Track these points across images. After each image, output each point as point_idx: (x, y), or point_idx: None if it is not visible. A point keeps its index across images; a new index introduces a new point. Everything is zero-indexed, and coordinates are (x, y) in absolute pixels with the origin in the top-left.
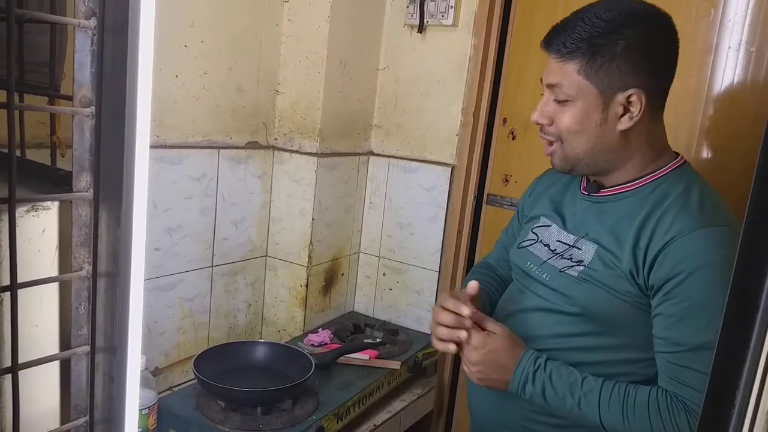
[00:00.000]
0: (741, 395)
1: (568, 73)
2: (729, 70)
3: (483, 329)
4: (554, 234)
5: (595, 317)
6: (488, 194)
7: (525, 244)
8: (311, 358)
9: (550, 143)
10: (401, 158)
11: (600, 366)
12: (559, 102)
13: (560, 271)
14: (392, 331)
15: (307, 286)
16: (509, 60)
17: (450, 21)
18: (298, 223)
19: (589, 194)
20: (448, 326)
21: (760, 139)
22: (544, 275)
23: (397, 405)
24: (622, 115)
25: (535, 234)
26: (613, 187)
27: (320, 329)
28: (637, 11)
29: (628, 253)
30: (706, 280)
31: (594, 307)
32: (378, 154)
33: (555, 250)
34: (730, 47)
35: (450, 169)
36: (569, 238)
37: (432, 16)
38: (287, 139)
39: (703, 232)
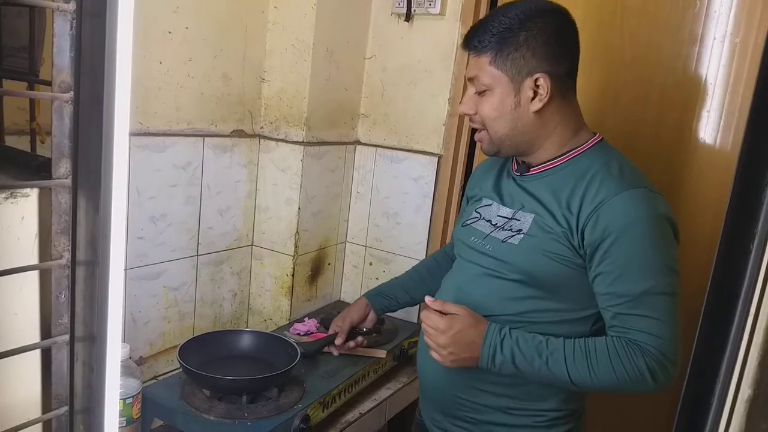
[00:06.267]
0: (721, 384)
1: (482, 66)
2: (714, 60)
3: (445, 314)
4: (495, 210)
5: (535, 280)
6: None
7: (469, 222)
8: (297, 347)
9: (479, 130)
10: (388, 148)
11: (541, 325)
12: (480, 93)
13: (502, 242)
14: (378, 321)
15: (293, 275)
16: None
17: (437, 10)
18: (284, 213)
19: (520, 174)
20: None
21: (743, 130)
22: (488, 246)
23: (383, 393)
24: (533, 98)
25: (478, 213)
26: (539, 165)
27: (306, 318)
28: (536, 8)
29: (561, 218)
30: (637, 235)
31: (534, 271)
32: (365, 144)
33: (496, 224)
34: (715, 38)
35: (437, 159)
36: (507, 212)
37: (419, 4)
38: (273, 128)
39: (627, 193)
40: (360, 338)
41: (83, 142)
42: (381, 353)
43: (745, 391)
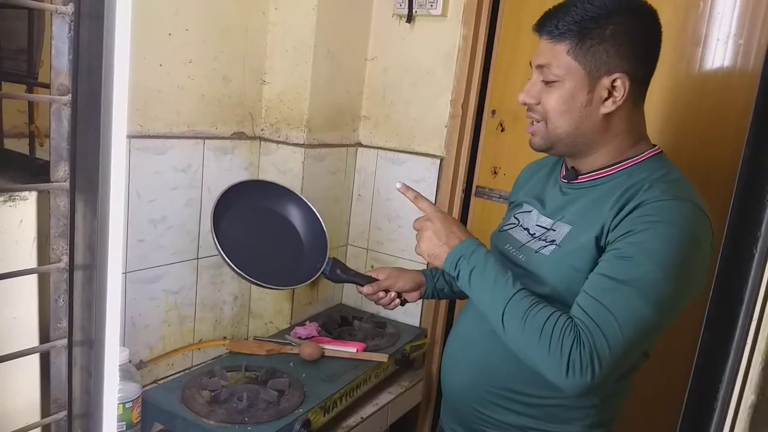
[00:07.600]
0: (724, 390)
1: (557, 54)
2: (717, 62)
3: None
4: (534, 219)
5: (561, 296)
6: (477, 186)
7: (506, 228)
8: (326, 263)
9: (533, 122)
10: (390, 150)
11: None
12: (547, 83)
13: (536, 252)
14: (380, 324)
15: None
16: (498, 51)
17: (439, 11)
18: None
19: (568, 182)
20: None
21: (746, 132)
22: (521, 257)
23: (385, 398)
24: (606, 99)
25: (517, 219)
26: (590, 173)
27: (308, 322)
28: (627, 1)
29: (597, 229)
30: (661, 234)
31: (562, 287)
32: (366, 146)
33: (534, 234)
34: (718, 39)
35: (438, 161)
36: (547, 222)
37: (421, 5)
38: (274, 130)
39: (670, 202)
40: (396, 300)
41: (81, 145)
42: (382, 357)
43: (749, 397)
